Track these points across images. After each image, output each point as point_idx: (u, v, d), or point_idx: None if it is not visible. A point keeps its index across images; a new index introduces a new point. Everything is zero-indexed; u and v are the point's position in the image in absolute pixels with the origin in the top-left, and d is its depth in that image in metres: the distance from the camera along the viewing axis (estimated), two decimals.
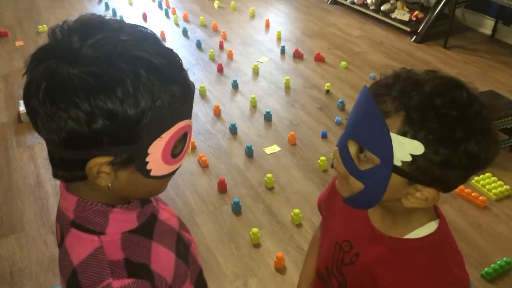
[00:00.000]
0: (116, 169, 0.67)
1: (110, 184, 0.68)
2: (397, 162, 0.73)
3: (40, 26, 4.35)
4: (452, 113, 0.70)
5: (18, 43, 4.13)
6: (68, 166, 0.68)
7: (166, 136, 0.67)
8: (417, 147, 0.71)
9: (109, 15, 0.68)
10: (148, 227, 0.78)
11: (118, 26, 0.65)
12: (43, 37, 4.31)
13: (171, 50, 0.69)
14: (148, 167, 0.68)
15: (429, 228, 0.85)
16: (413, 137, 0.71)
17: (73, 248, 0.71)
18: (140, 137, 0.64)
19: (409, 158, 0.72)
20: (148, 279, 0.71)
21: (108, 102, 0.60)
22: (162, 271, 0.75)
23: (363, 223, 0.92)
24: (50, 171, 0.72)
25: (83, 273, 0.68)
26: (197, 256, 0.91)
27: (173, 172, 0.73)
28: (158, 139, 0.66)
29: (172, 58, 0.67)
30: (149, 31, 0.68)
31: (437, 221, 0.86)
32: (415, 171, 0.73)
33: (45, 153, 2.76)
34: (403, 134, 0.71)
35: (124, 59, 0.61)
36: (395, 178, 0.75)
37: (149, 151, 0.66)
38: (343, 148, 0.80)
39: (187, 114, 0.70)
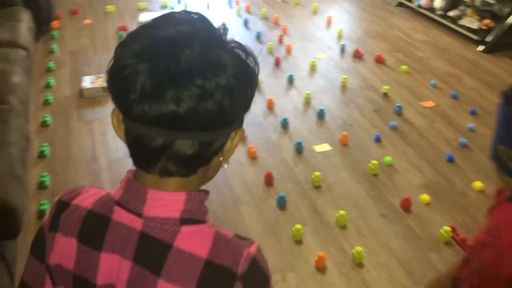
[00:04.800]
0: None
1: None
2: None
3: (107, 7, 4.50)
4: None
5: (86, 21, 4.30)
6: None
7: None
8: None
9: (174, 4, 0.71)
10: None
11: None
12: (110, 17, 4.44)
13: None
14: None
15: None
16: None
17: (195, 244, 0.68)
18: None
19: None
20: None
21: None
22: None
23: None
24: (105, 146, 0.74)
25: (218, 258, 0.68)
26: None
27: None
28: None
29: None
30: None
31: None
32: None
33: (102, 129, 2.87)
34: None
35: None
36: None
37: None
38: (494, 155, 0.89)
39: None
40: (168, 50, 0.64)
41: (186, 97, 0.63)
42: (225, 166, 0.75)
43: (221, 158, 0.72)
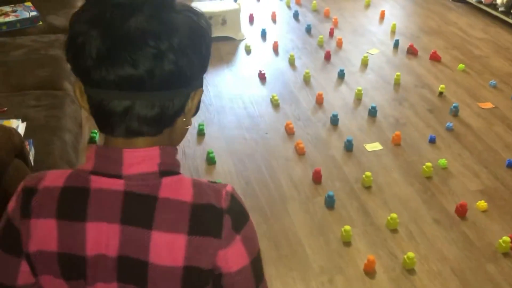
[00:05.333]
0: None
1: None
2: None
3: None
4: None
5: None
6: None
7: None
8: None
9: None
10: None
11: None
12: None
13: None
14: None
15: None
16: None
17: (179, 192, 0.71)
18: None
19: None
20: None
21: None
22: None
23: None
24: None
25: (202, 199, 0.71)
26: None
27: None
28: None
29: None
30: None
31: None
32: None
33: None
34: None
35: None
36: None
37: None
38: None
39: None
40: (119, 15, 0.65)
41: (141, 58, 0.64)
42: (188, 127, 0.78)
43: (184, 119, 0.74)
